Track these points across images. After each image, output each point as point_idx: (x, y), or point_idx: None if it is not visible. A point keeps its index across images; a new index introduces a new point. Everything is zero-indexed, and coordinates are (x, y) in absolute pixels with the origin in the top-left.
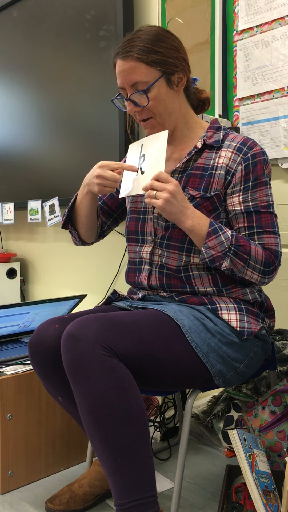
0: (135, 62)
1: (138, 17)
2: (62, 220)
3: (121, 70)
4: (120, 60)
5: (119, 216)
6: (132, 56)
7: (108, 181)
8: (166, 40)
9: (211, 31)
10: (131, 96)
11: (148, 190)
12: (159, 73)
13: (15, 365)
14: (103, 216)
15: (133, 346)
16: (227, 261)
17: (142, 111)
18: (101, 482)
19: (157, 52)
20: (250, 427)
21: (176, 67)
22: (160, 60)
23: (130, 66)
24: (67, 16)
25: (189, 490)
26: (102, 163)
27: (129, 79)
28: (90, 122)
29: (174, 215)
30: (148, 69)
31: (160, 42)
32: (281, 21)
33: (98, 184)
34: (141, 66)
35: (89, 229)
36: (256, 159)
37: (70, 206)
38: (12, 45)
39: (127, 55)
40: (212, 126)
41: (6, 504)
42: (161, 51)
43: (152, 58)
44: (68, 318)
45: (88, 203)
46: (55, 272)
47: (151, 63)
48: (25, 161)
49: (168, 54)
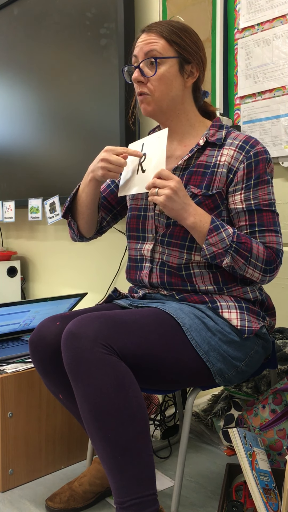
0: (157, 36)
1: (139, 15)
2: (63, 209)
3: (141, 40)
4: (143, 34)
5: (118, 213)
6: (156, 31)
7: (112, 165)
8: (192, 35)
9: (212, 29)
10: (141, 63)
11: (151, 189)
12: (176, 54)
13: (15, 363)
14: (103, 211)
15: (133, 345)
16: (228, 258)
17: (145, 85)
18: (101, 480)
19: (180, 37)
20: (251, 425)
21: (193, 58)
22: (181, 44)
23: (151, 38)
24: (68, 14)
25: (189, 489)
26: (108, 148)
27: (146, 47)
28: (90, 120)
29: (176, 211)
30: (167, 45)
31: (186, 32)
32: (283, 19)
33: (102, 167)
34: (162, 40)
35: (89, 220)
36: (259, 157)
37: (71, 196)
38: (13, 43)
39: (152, 29)
40: (215, 125)
41: (7, 502)
42: (184, 38)
43: (174, 38)
44: (70, 315)
45: (90, 192)
46: (55, 270)
47: (171, 42)
48: (25, 159)
49: (189, 44)
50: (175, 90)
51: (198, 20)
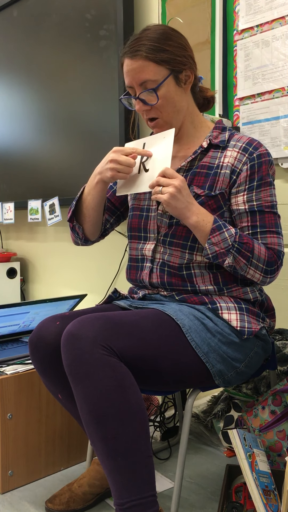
0: (144, 61)
1: (138, 17)
2: (69, 213)
3: (129, 69)
4: (128, 59)
5: (122, 214)
6: (140, 55)
7: (121, 166)
8: (174, 38)
9: (211, 31)
10: (140, 95)
11: (154, 187)
12: (168, 72)
13: (15, 365)
14: (107, 213)
15: (133, 346)
16: (230, 258)
17: (151, 110)
18: (101, 482)
19: (165, 50)
20: (250, 426)
21: (184, 65)
22: (169, 58)
23: (138, 65)
24: (68, 16)
25: (189, 490)
26: (116, 148)
27: (138, 78)
28: (90, 122)
29: (179, 210)
30: (157, 68)
31: (168, 40)
32: (282, 20)
33: (111, 168)
34: (150, 64)
35: (95, 223)
36: (262, 159)
37: (76, 199)
38: (12, 45)
39: (135, 54)
40: (218, 127)
41: (6, 504)
42: (169, 49)
43: (160, 56)
44: (69, 315)
45: (97, 194)
46: (55, 272)
47: (159, 62)
48: (25, 160)
49: (176, 52)
50: (179, 102)
51: (197, 22)
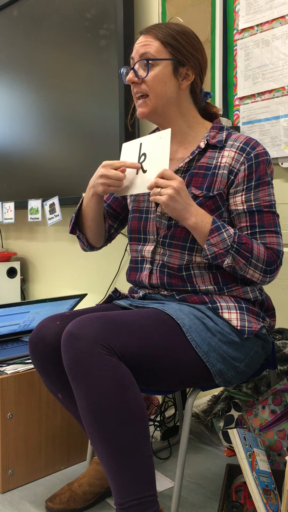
0: (153, 38)
1: (138, 16)
2: (70, 226)
3: (138, 43)
4: (141, 36)
5: (124, 218)
6: (152, 33)
7: (111, 180)
8: (190, 37)
9: (211, 30)
10: (135, 64)
11: (152, 188)
12: (170, 56)
13: (15, 364)
14: (109, 219)
15: (133, 345)
16: (229, 259)
17: (140, 85)
18: (101, 481)
19: (176, 39)
20: (250, 426)
21: (188, 60)
22: (176, 46)
23: (146, 39)
24: (68, 15)
25: (189, 489)
26: (105, 163)
27: (141, 50)
28: (90, 121)
29: (178, 211)
30: (161, 48)
31: (183, 35)
32: (282, 20)
33: (102, 183)
34: (156, 42)
35: (97, 232)
36: (259, 159)
37: (76, 211)
38: (12, 44)
39: (149, 32)
40: (215, 126)
41: (7, 503)
42: (181, 41)
43: (169, 40)
44: (69, 315)
45: (94, 206)
46: (55, 271)
47: (166, 44)
48: (25, 160)
49: (186, 46)
50: (170, 92)
51: (197, 21)
